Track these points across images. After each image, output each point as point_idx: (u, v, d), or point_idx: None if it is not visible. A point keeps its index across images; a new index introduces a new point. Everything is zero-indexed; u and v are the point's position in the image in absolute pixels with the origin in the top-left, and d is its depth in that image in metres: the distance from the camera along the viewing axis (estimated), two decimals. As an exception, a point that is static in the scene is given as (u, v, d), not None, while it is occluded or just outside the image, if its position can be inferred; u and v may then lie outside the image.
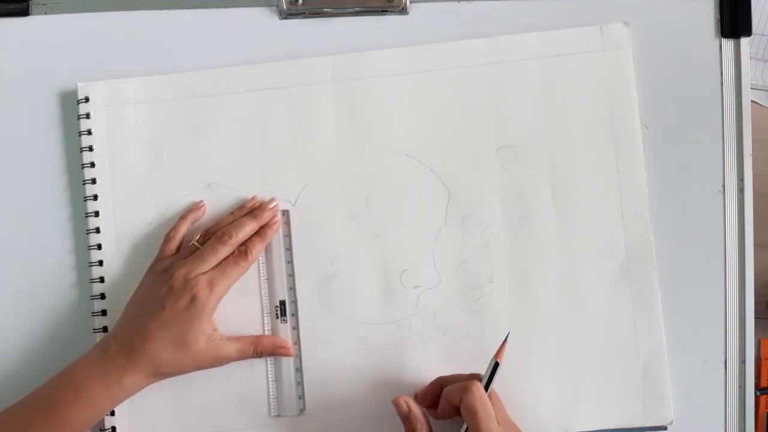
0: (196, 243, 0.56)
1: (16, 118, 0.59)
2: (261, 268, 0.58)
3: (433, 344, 0.56)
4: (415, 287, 0.58)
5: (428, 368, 0.58)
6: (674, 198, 0.59)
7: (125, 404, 0.57)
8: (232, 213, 0.57)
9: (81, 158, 0.58)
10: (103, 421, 0.57)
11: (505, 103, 0.58)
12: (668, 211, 0.59)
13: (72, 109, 0.58)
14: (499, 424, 0.51)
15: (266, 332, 0.58)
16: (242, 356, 0.56)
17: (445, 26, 0.59)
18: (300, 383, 0.57)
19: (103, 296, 0.57)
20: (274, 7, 0.59)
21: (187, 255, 0.55)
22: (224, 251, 0.55)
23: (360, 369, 0.58)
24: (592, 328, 0.58)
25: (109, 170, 0.58)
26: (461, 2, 0.59)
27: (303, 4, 0.59)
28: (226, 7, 0.59)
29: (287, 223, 0.58)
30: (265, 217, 0.57)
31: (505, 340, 0.54)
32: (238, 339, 0.56)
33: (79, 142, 0.58)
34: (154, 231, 0.57)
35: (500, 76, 0.59)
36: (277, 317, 0.58)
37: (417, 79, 0.59)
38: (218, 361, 0.55)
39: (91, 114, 0.58)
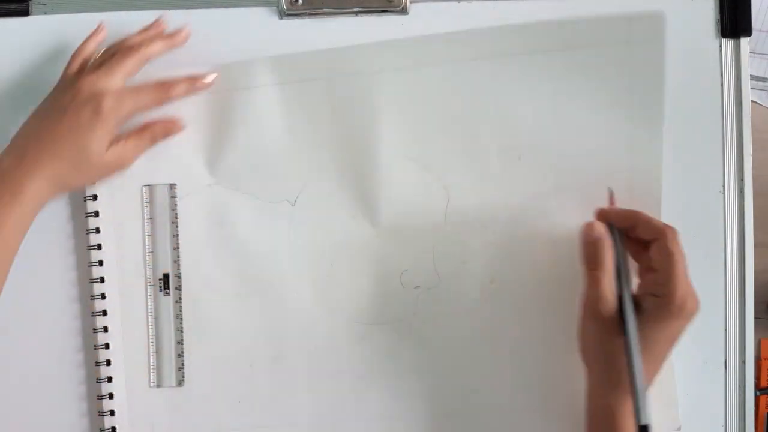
0: (99, 59, 0.55)
1: (16, 118, 0.58)
2: (147, 241, 0.58)
3: (433, 344, 0.56)
4: (415, 287, 0.58)
5: (428, 369, 0.58)
6: (674, 198, 0.59)
7: (125, 404, 0.57)
8: (138, 33, 0.57)
9: (81, 158, 0.58)
10: (103, 421, 0.57)
11: (505, 101, 0.58)
12: (668, 211, 0.58)
13: (72, 109, 0.58)
14: None
15: (149, 305, 0.58)
16: (141, 150, 0.56)
17: (445, 26, 0.59)
18: (180, 356, 0.58)
19: (103, 296, 0.57)
20: (274, 7, 0.59)
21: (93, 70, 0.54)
22: (131, 65, 0.54)
23: (359, 369, 0.58)
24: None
25: (109, 170, 0.58)
26: (461, 2, 0.59)
27: (303, 4, 0.59)
28: (226, 7, 0.59)
29: (173, 197, 0.58)
30: (175, 36, 0.57)
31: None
32: (129, 135, 0.55)
33: (79, 142, 0.58)
34: (154, 231, 0.57)
35: (502, 72, 0.58)
36: (161, 290, 0.58)
37: (418, 76, 0.58)
38: (121, 164, 0.55)
39: (91, 114, 0.58)
